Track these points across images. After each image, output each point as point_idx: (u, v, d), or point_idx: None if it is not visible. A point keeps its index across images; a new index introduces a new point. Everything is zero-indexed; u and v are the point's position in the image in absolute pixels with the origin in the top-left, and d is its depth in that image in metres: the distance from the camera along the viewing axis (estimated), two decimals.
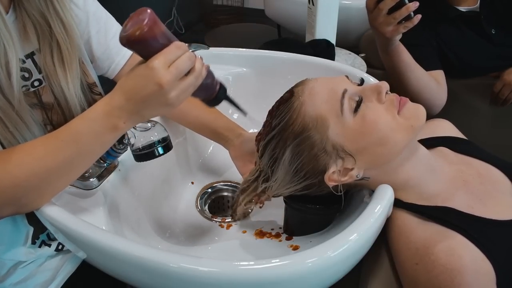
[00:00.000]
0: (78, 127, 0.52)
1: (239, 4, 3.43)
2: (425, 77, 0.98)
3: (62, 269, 0.75)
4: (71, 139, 0.52)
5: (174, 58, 0.49)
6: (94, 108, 0.52)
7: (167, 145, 0.68)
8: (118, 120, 0.51)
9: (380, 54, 0.97)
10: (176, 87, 0.49)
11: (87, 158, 0.55)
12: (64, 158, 0.52)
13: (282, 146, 0.61)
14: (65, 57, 0.66)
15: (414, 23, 0.83)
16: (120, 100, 0.50)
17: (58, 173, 0.54)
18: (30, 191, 0.54)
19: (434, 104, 1.01)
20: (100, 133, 0.52)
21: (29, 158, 0.52)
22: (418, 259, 0.55)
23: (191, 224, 0.80)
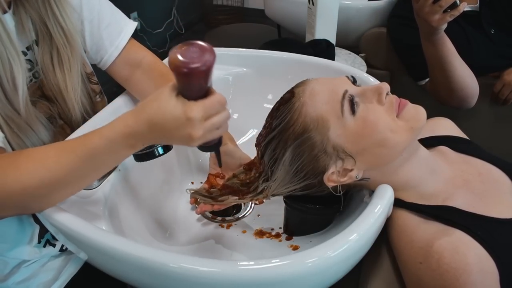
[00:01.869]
0: (95, 144, 0.51)
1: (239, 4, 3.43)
2: (466, 66, 0.99)
3: (65, 270, 0.75)
4: (86, 156, 0.51)
5: (214, 113, 0.48)
6: (113, 128, 0.51)
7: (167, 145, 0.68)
8: (137, 142, 0.51)
9: (424, 44, 0.98)
10: (203, 139, 0.49)
11: (100, 171, 0.55)
12: (77, 172, 0.52)
13: (283, 147, 0.61)
14: (65, 63, 0.66)
15: (460, 11, 0.84)
16: (143, 128, 0.49)
17: (68, 184, 0.54)
18: (38, 198, 0.54)
19: (476, 93, 1.03)
20: (118, 151, 0.52)
21: (41, 168, 0.51)
22: (421, 258, 0.55)
23: (191, 224, 0.80)
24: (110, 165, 0.55)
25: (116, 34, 0.76)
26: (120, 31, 0.76)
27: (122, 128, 0.50)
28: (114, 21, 0.76)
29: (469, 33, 1.11)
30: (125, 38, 0.77)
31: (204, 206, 0.74)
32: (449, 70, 0.97)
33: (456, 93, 1.01)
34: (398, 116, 0.59)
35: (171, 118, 0.47)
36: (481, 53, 1.12)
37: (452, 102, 1.05)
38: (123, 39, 0.77)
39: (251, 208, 0.83)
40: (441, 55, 0.95)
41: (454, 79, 0.98)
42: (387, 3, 1.38)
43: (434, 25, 0.87)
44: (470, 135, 0.77)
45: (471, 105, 1.05)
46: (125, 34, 0.77)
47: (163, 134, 0.49)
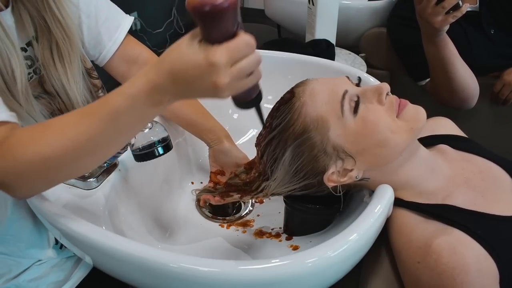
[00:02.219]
0: (116, 104, 0.46)
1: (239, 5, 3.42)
2: (467, 67, 1.00)
3: (76, 271, 0.75)
4: (109, 118, 0.46)
5: (241, 57, 0.42)
6: (134, 84, 0.46)
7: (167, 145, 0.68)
8: (162, 97, 0.46)
9: (425, 45, 0.98)
10: (232, 87, 0.43)
11: (126, 135, 0.51)
12: (102, 137, 0.48)
13: (282, 147, 0.61)
14: (65, 57, 0.66)
15: (463, 12, 0.84)
16: (166, 80, 0.44)
17: (93, 151, 0.50)
18: (63, 169, 0.51)
19: (476, 94, 1.03)
20: (142, 109, 0.46)
21: (62, 138, 0.48)
22: (420, 257, 0.55)
23: (191, 224, 0.80)
24: (135, 127, 0.51)
25: (114, 29, 0.76)
26: (117, 25, 0.76)
27: (144, 83, 0.45)
28: (111, 15, 0.76)
29: (469, 33, 1.11)
30: (122, 32, 0.77)
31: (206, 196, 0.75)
32: (450, 71, 0.97)
33: (457, 94, 1.01)
34: (398, 116, 0.59)
35: (192, 65, 0.42)
36: (481, 53, 1.12)
37: (453, 103, 1.05)
38: (120, 34, 0.76)
39: (251, 208, 0.83)
40: (443, 56, 0.95)
41: (455, 80, 0.98)
42: (387, 3, 1.38)
43: (436, 26, 0.87)
44: (470, 135, 0.78)
45: (471, 106, 1.05)
46: (122, 29, 0.77)
47: (187, 85, 0.44)
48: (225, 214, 0.82)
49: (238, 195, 0.71)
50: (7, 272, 0.73)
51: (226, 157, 0.79)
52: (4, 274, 0.73)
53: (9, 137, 0.50)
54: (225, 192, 0.73)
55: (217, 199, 0.74)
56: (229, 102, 0.53)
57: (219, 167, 0.81)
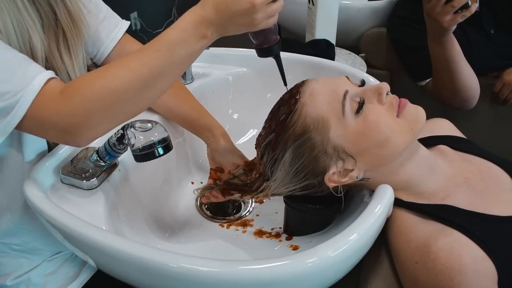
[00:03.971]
0: (170, 36, 0.54)
1: None
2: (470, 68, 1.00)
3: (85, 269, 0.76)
4: (164, 49, 0.53)
5: None
6: (184, 18, 0.54)
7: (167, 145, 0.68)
8: (207, 30, 0.54)
9: (431, 45, 0.98)
10: (264, 10, 0.53)
11: (178, 68, 0.56)
12: (159, 67, 0.54)
13: (283, 148, 0.61)
14: (71, 46, 0.67)
15: (472, 11, 0.84)
16: (210, 11, 0.53)
17: (153, 83, 0.54)
18: (128, 101, 0.54)
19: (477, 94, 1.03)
20: (191, 41, 0.54)
21: (126, 70, 0.53)
22: (418, 257, 0.55)
23: (191, 224, 0.80)
24: (186, 60, 0.56)
25: (112, 27, 0.77)
26: (116, 24, 0.77)
27: (192, 16, 0.54)
28: (110, 15, 0.78)
29: (469, 33, 1.11)
30: (121, 31, 0.78)
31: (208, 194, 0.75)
32: (455, 71, 0.97)
33: (460, 94, 1.02)
34: (398, 116, 0.59)
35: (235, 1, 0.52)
36: (481, 53, 1.12)
37: (454, 103, 1.05)
38: (119, 32, 0.77)
39: (251, 208, 0.83)
40: (449, 56, 0.95)
41: (459, 80, 0.98)
42: (387, 3, 1.38)
43: (445, 25, 0.87)
44: (470, 135, 0.78)
45: (472, 106, 1.05)
46: (120, 28, 0.78)
47: (229, 17, 0.53)
48: (225, 214, 0.82)
49: (238, 194, 0.71)
50: (18, 269, 0.73)
51: (222, 157, 0.79)
52: (15, 271, 0.73)
53: (69, 84, 0.54)
54: (225, 189, 0.73)
55: (218, 196, 0.74)
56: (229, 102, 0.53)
57: (218, 164, 0.81)
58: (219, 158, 0.79)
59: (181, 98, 0.81)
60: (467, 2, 0.83)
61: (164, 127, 0.68)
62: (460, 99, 1.03)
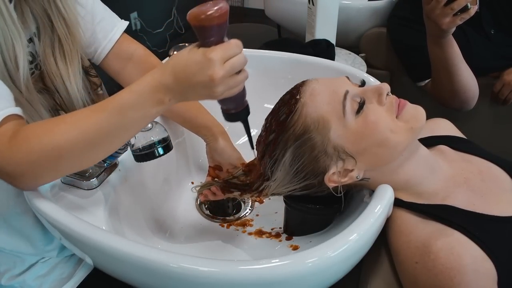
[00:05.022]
0: (124, 99, 0.52)
1: (239, 4, 3.43)
2: (469, 69, 1.00)
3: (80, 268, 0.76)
4: (116, 111, 0.52)
5: (232, 55, 0.50)
6: (141, 82, 0.52)
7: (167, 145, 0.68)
8: (164, 96, 0.52)
9: (430, 47, 0.98)
10: (225, 83, 0.50)
11: (130, 130, 0.55)
12: (108, 129, 0.53)
13: (283, 148, 0.61)
14: (67, 54, 0.67)
15: (471, 14, 0.84)
16: (169, 79, 0.51)
17: (100, 144, 0.54)
18: (72, 159, 0.55)
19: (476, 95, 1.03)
20: (145, 106, 0.52)
21: (74, 129, 0.53)
22: (418, 257, 0.55)
23: (191, 224, 0.80)
24: (139, 123, 0.55)
25: (109, 28, 0.77)
26: (113, 25, 0.78)
27: (150, 81, 0.52)
28: (107, 16, 0.78)
29: (469, 34, 1.11)
30: (118, 32, 0.78)
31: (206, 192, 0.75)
32: (454, 73, 0.97)
33: (459, 95, 1.02)
34: (398, 116, 0.59)
35: (192, 62, 0.50)
36: (481, 53, 1.12)
37: (454, 104, 1.05)
38: (116, 33, 0.77)
39: (251, 208, 0.83)
40: (448, 57, 0.95)
41: (458, 81, 0.98)
42: (387, 3, 1.38)
43: (444, 27, 0.87)
44: (470, 135, 0.78)
45: (471, 107, 1.05)
46: (118, 29, 0.78)
47: (187, 82, 0.50)
48: (225, 214, 0.82)
49: (238, 193, 0.71)
50: (12, 268, 0.73)
51: (220, 157, 0.79)
52: (9, 269, 0.73)
53: (21, 130, 0.53)
54: (225, 187, 0.73)
55: (218, 193, 0.74)
56: None
57: (216, 162, 0.81)
58: (217, 157, 0.80)
59: None
60: (466, 4, 0.83)
61: (164, 127, 0.69)
62: (459, 100, 1.03)
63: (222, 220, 0.80)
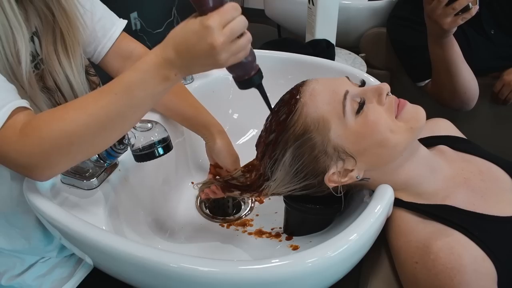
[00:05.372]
0: (130, 78, 0.51)
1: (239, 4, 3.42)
2: (470, 69, 1.00)
3: (80, 268, 0.76)
4: (123, 91, 0.51)
5: (230, 19, 0.48)
6: (145, 59, 0.51)
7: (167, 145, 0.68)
8: (169, 71, 0.51)
9: (431, 47, 0.98)
10: (228, 49, 0.49)
11: (139, 110, 0.54)
12: (117, 111, 0.52)
13: (283, 148, 0.61)
14: (69, 46, 0.67)
15: (472, 14, 0.84)
16: (171, 53, 0.50)
17: (111, 126, 0.53)
18: (84, 145, 0.54)
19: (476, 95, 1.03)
20: (152, 84, 0.51)
21: (83, 114, 0.52)
22: (417, 257, 0.55)
23: (191, 224, 0.80)
24: (147, 102, 0.53)
25: (109, 27, 0.77)
26: (112, 24, 0.78)
27: (153, 58, 0.51)
28: (107, 15, 0.78)
29: (469, 34, 1.11)
30: (117, 30, 0.78)
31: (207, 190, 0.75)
32: (454, 73, 0.97)
33: (459, 96, 1.02)
34: (398, 116, 0.59)
35: (190, 32, 0.48)
36: (481, 53, 1.12)
37: (453, 104, 1.05)
38: (116, 31, 0.77)
39: (251, 208, 0.83)
40: (449, 57, 0.95)
41: (458, 81, 0.99)
42: (387, 3, 1.38)
43: (445, 27, 0.87)
44: (470, 135, 0.78)
45: (470, 107, 1.05)
46: (117, 27, 0.78)
47: (188, 53, 0.49)
48: (225, 214, 0.82)
49: (238, 192, 0.71)
50: (11, 268, 0.73)
51: (217, 158, 0.79)
52: (8, 270, 0.73)
53: (31, 120, 0.53)
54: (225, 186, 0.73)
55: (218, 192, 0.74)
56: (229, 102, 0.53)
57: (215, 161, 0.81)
58: (214, 157, 0.80)
59: (178, 95, 0.81)
60: (468, 4, 0.83)
61: (164, 127, 0.69)
62: (459, 100, 1.03)
63: (222, 220, 0.80)
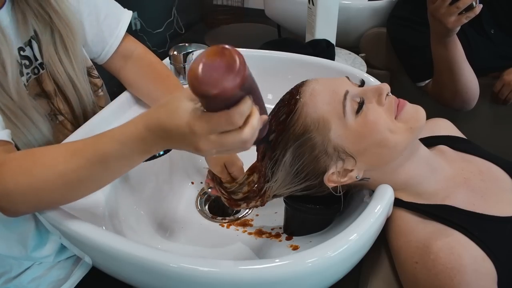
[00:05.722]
0: (106, 148, 0.49)
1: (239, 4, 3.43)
2: (471, 69, 1.00)
3: (76, 269, 0.75)
4: (97, 160, 0.49)
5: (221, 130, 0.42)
6: (124, 130, 0.48)
7: None
8: (150, 148, 0.48)
9: (434, 46, 0.98)
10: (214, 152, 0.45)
11: (113, 175, 0.53)
12: (88, 176, 0.51)
13: (283, 148, 0.61)
14: (68, 45, 0.67)
15: (476, 12, 0.84)
16: (153, 135, 0.46)
17: (81, 187, 0.53)
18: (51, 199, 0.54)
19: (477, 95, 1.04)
20: (129, 156, 0.49)
21: (52, 173, 0.51)
22: (417, 257, 0.55)
23: (191, 224, 0.80)
24: (123, 169, 0.52)
25: (114, 25, 0.76)
26: (118, 21, 0.77)
27: (134, 132, 0.47)
28: (111, 11, 0.77)
29: (469, 34, 1.11)
30: (123, 27, 0.77)
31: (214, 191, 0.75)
32: (456, 73, 0.97)
33: (460, 95, 1.02)
34: (397, 116, 0.59)
35: (176, 127, 0.44)
36: (481, 53, 1.12)
37: (454, 104, 1.05)
38: (121, 29, 0.77)
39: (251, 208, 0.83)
40: (452, 57, 0.95)
41: (460, 81, 0.99)
42: (387, 3, 1.38)
43: (449, 26, 0.87)
44: (470, 135, 0.78)
45: (471, 107, 1.06)
46: (123, 24, 0.77)
47: (173, 143, 0.47)
48: (225, 214, 0.82)
49: (244, 204, 0.71)
50: (8, 271, 0.73)
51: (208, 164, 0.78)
52: (5, 273, 0.72)
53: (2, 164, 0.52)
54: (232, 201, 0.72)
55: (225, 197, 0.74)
56: None
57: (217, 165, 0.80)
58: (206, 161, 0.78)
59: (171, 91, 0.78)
60: (471, 3, 0.83)
61: None
62: (460, 100, 1.03)
63: (222, 220, 0.80)
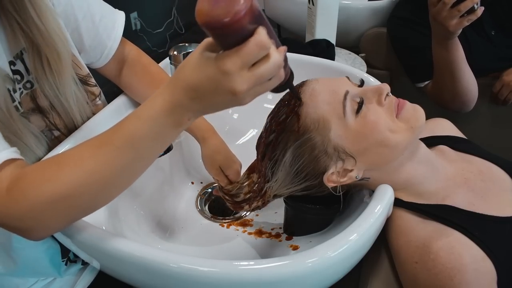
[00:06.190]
0: (134, 129, 0.44)
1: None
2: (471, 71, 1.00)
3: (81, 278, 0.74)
4: (127, 145, 0.45)
5: (254, 60, 0.40)
6: (150, 105, 0.44)
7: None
8: (182, 117, 0.44)
9: (435, 48, 0.98)
10: (252, 93, 0.41)
11: (148, 159, 0.48)
12: (122, 166, 0.46)
13: (283, 148, 0.61)
14: (52, 64, 0.62)
15: (478, 15, 0.84)
16: (183, 98, 0.42)
17: (116, 182, 0.48)
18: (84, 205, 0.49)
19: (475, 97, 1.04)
20: (161, 132, 0.45)
21: (80, 172, 0.45)
22: (417, 257, 0.55)
23: (191, 224, 0.80)
24: (156, 151, 0.47)
25: (111, 26, 0.74)
26: (113, 22, 0.74)
27: (162, 104, 0.43)
28: (106, 12, 0.74)
29: (469, 35, 1.11)
30: (120, 29, 0.75)
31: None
32: (457, 75, 0.97)
33: (460, 97, 1.02)
34: (397, 117, 0.59)
35: (205, 78, 0.40)
36: (481, 54, 1.12)
37: (453, 106, 1.06)
38: (118, 30, 0.75)
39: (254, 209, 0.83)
40: (453, 59, 0.96)
41: (460, 83, 0.99)
42: (387, 3, 1.38)
43: (451, 29, 0.87)
44: (470, 136, 0.78)
45: (469, 109, 1.06)
46: (119, 25, 0.75)
47: (205, 100, 0.42)
48: (225, 214, 0.82)
49: (247, 206, 0.71)
50: None
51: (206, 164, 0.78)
52: None
53: (18, 179, 0.47)
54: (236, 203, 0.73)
55: None
56: None
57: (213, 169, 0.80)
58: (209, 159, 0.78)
59: None
60: (473, 6, 0.83)
61: None
62: (459, 102, 1.04)
63: (222, 220, 0.80)
